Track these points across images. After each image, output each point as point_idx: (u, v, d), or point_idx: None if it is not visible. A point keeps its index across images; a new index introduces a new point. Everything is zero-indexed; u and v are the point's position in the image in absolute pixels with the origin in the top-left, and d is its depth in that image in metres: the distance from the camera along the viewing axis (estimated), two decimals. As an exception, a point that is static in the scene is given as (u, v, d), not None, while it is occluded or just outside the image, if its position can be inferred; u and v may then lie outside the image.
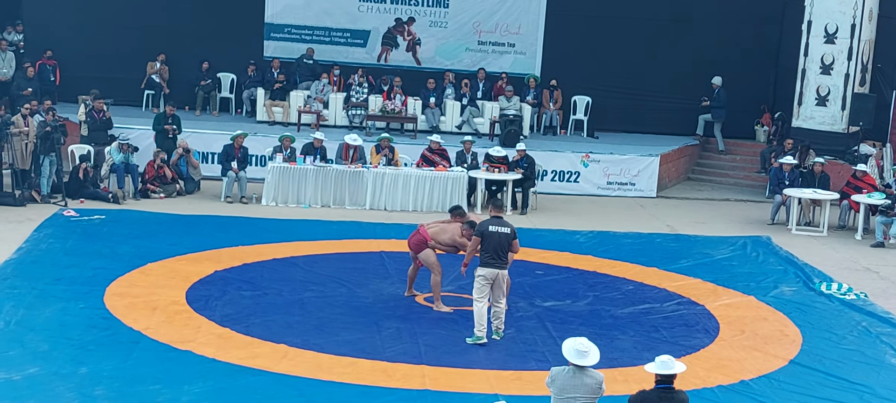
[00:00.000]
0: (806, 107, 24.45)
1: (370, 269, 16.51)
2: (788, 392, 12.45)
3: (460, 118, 24.81)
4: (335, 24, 26.11)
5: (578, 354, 9.48)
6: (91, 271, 15.41)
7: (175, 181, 21.06)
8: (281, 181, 20.70)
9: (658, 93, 26.50)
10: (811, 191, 21.29)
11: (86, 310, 13.74)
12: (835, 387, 12.65)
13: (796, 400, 12.23)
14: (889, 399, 12.37)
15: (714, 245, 19.44)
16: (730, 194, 24.56)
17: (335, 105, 24.57)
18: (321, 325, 13.81)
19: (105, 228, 18.05)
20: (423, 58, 26.39)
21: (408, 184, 20.96)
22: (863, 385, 12.76)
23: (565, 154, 23.61)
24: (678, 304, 15.64)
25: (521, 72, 26.11)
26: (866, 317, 15.42)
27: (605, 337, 13.72)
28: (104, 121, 21.43)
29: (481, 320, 13.29)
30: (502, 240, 13.29)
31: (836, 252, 19.54)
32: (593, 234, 19.71)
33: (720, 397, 12.19)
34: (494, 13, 26.33)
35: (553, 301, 15.41)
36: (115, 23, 25.06)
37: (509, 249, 13.42)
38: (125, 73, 24.86)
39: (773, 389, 12.51)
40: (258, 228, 18.59)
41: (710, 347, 13.89)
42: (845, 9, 23.79)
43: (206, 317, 13.77)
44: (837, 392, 12.52)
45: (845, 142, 24.01)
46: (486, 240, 13.28)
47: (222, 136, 21.92)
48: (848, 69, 23.97)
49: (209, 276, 15.54)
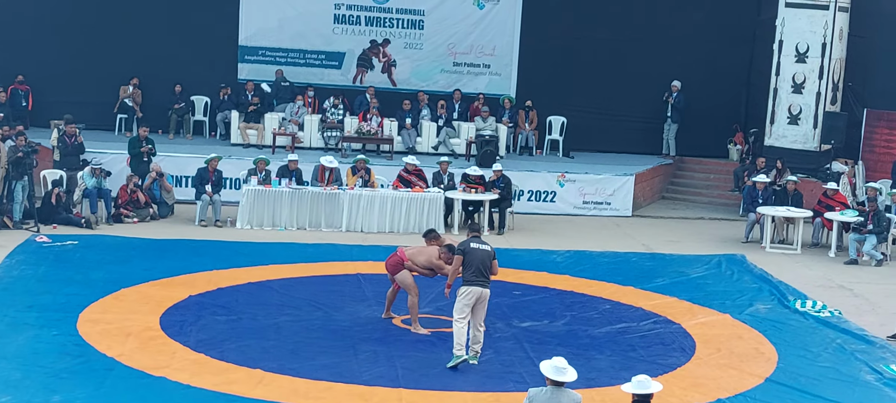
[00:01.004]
0: (778, 125, 24.64)
1: (347, 292, 16.45)
2: (765, 410, 12.47)
3: (436, 139, 24.84)
4: (310, 47, 26.11)
5: (557, 370, 9.53)
6: (64, 297, 15.28)
7: (148, 205, 20.96)
8: (256, 204, 20.63)
9: (632, 113, 26.62)
10: (784, 209, 21.39)
11: (58, 337, 13.61)
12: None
13: (773, 419, 12.25)
14: (865, 417, 12.41)
15: (689, 263, 19.49)
16: (704, 213, 24.66)
17: (310, 127, 24.53)
18: (297, 349, 13.73)
19: (78, 254, 17.92)
20: (399, 79, 26.41)
21: (384, 205, 20.93)
22: (838, 402, 12.78)
23: (541, 174, 23.66)
24: (654, 323, 15.66)
25: (496, 93, 26.17)
26: (841, 334, 15.47)
27: (583, 357, 13.71)
28: (76, 145, 21.31)
29: (461, 339, 13.20)
30: (485, 258, 13.26)
31: (810, 269, 19.62)
32: (570, 254, 19.73)
33: (697, 416, 12.20)
34: (469, 35, 26.40)
35: (530, 321, 15.39)
36: (87, 47, 24.96)
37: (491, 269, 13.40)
38: (98, 97, 24.74)
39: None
40: (233, 252, 18.50)
41: (686, 366, 13.89)
42: (816, 28, 24.01)
43: (181, 343, 13.66)
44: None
45: (817, 161, 24.18)
46: (468, 258, 13.23)
47: (196, 160, 21.83)
48: (819, 88, 24.18)
49: (183, 301, 15.44)
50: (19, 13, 24.75)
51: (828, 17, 23.94)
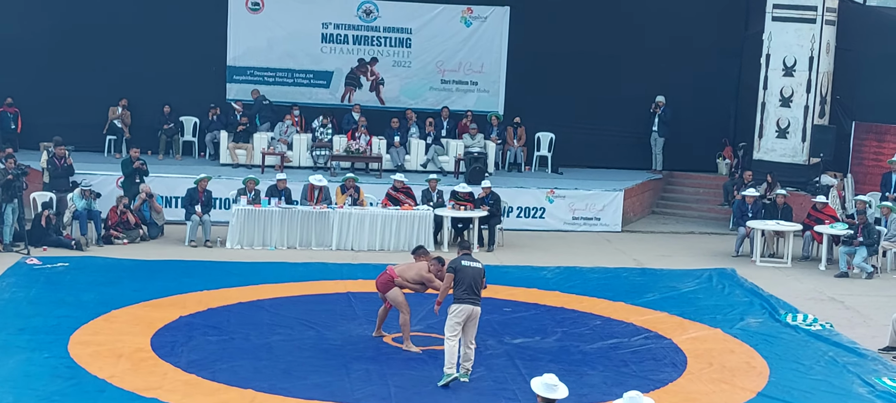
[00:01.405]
0: (767, 139, 24.71)
1: (338, 311, 16.43)
2: (758, 424, 12.48)
3: (425, 156, 24.85)
4: (298, 66, 26.13)
5: (547, 387, 9.55)
6: (55, 320, 15.25)
7: (138, 226, 20.93)
8: (246, 224, 20.61)
9: (620, 128, 26.67)
10: (774, 223, 21.43)
11: (50, 360, 13.57)
12: (803, 418, 12.70)
13: (766, 432, 12.26)
14: (857, 429, 12.42)
15: (680, 278, 19.51)
16: (694, 227, 24.69)
17: (299, 146, 24.54)
18: (289, 369, 13.70)
19: (68, 276, 17.88)
20: (387, 97, 26.43)
21: (374, 223, 20.93)
22: (831, 415, 12.82)
23: (530, 190, 23.68)
24: (646, 338, 15.66)
25: (484, 110, 26.21)
26: (833, 347, 15.49)
27: (575, 373, 13.71)
28: (66, 167, 21.28)
29: (452, 357, 13.20)
30: (476, 275, 13.27)
31: (801, 283, 19.65)
32: (560, 270, 19.73)
33: (690, 431, 12.20)
34: (457, 52, 26.45)
35: (522, 338, 15.38)
36: (76, 69, 24.94)
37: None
38: (86, 119, 24.72)
39: (742, 422, 12.55)
40: (223, 272, 18.48)
41: (678, 381, 13.89)
42: (803, 42, 24.10)
43: (172, 364, 13.63)
44: (806, 423, 12.56)
45: (806, 174, 24.24)
46: (459, 276, 13.24)
47: (185, 180, 21.82)
48: (807, 101, 24.26)
49: (174, 322, 15.41)
50: (7, 36, 24.73)
51: (815, 30, 24.04)
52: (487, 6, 26.34)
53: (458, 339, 13.22)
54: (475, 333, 13.47)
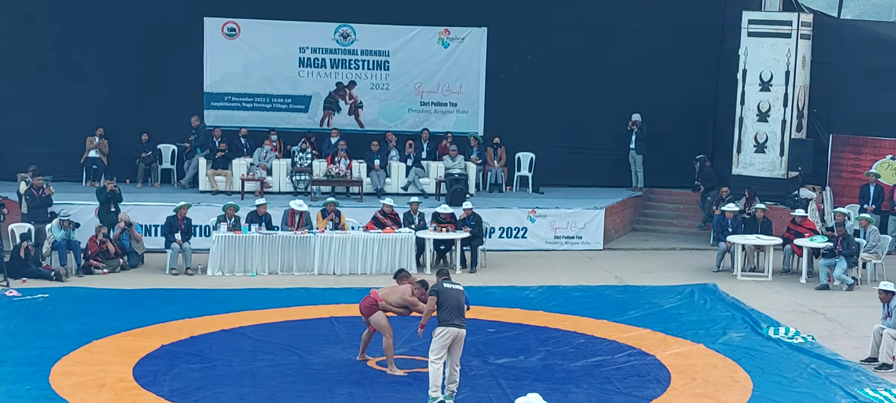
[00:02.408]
0: (745, 154, 24.81)
1: (321, 335, 16.40)
2: (743, 438, 12.50)
3: (406, 179, 24.84)
4: (275, 91, 26.09)
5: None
6: (36, 351, 15.16)
7: (118, 255, 20.84)
8: (226, 250, 20.55)
9: (600, 146, 26.71)
10: (754, 237, 21.49)
11: (32, 392, 13.49)
12: (788, 431, 12.72)
13: (751, 446, 12.27)
14: (842, 441, 12.44)
15: (662, 294, 19.54)
16: (675, 243, 24.75)
17: (279, 171, 24.50)
18: (273, 395, 13.66)
19: (49, 307, 17.79)
20: (366, 120, 26.42)
21: (356, 247, 20.90)
22: (815, 427, 12.85)
23: (512, 210, 23.70)
24: (629, 355, 15.67)
25: (464, 131, 26.23)
26: (815, 360, 15.54)
27: (559, 392, 13.72)
28: (44, 198, 21.19)
29: (437, 380, 13.18)
30: (460, 297, 13.28)
31: (782, 296, 19.71)
32: (543, 289, 19.75)
33: (676, 447, 12.20)
34: (435, 74, 26.47)
35: (506, 357, 15.38)
36: (52, 98, 24.83)
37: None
38: (64, 149, 24.62)
39: (727, 436, 12.56)
40: (205, 299, 18.41)
41: (662, 397, 13.91)
42: (779, 56, 24.23)
43: (155, 393, 13.57)
44: (791, 436, 12.58)
45: (785, 188, 24.34)
46: (443, 298, 13.24)
47: (165, 208, 21.74)
48: (784, 115, 24.38)
49: (156, 351, 15.34)
50: (-17, 67, 24.67)
51: (790, 44, 24.17)
52: (464, 27, 26.37)
53: (442, 362, 13.21)
54: (460, 355, 13.46)
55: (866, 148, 24.54)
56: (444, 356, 13.22)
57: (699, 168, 25.54)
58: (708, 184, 25.16)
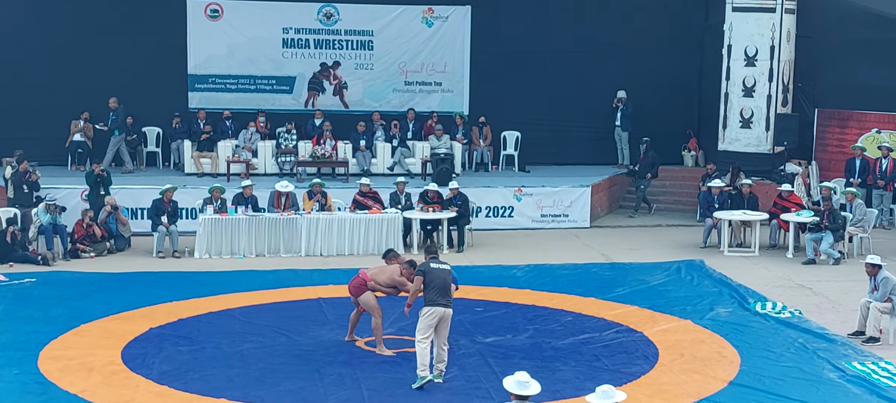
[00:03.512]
0: (731, 129, 24.84)
1: (309, 316, 16.39)
2: (731, 413, 12.54)
3: (392, 159, 24.81)
4: (260, 72, 26.03)
5: (519, 385, 9.59)
6: (24, 336, 15.13)
7: (105, 239, 20.78)
8: (213, 233, 20.51)
9: (585, 124, 26.73)
10: (741, 213, 21.54)
11: (20, 376, 13.46)
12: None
13: (739, 421, 12.32)
14: (830, 414, 12.50)
15: (649, 271, 19.58)
16: (661, 220, 24.79)
17: (264, 153, 24.45)
18: (262, 376, 13.66)
19: (36, 291, 17.75)
20: (351, 101, 26.36)
21: (342, 228, 20.88)
22: (803, 401, 12.88)
23: (498, 189, 23.70)
24: (617, 332, 15.71)
25: (449, 111, 26.20)
26: (802, 334, 15.60)
27: (548, 370, 13.75)
28: (31, 183, 21.12)
29: (424, 359, 13.20)
30: (446, 277, 13.29)
31: (769, 271, 19.77)
32: (530, 268, 19.76)
33: (664, 422, 12.24)
34: (419, 53, 26.42)
35: (494, 336, 15.40)
36: (37, 83, 24.74)
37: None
38: (49, 133, 24.53)
39: (715, 411, 12.61)
40: (192, 282, 18.39)
41: (650, 373, 13.95)
42: (763, 31, 24.24)
43: (144, 376, 13.56)
44: (779, 410, 12.63)
45: (771, 163, 24.39)
46: (429, 278, 13.25)
47: (151, 191, 21.69)
48: (769, 90, 24.41)
49: (145, 334, 15.32)
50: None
51: (775, 19, 24.19)
52: (448, 6, 26.33)
53: (429, 341, 13.23)
54: (447, 334, 13.49)
55: (852, 122, 24.59)
56: (431, 335, 13.25)
57: (645, 150, 25.08)
58: (646, 170, 24.81)
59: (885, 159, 23.23)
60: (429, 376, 13.19)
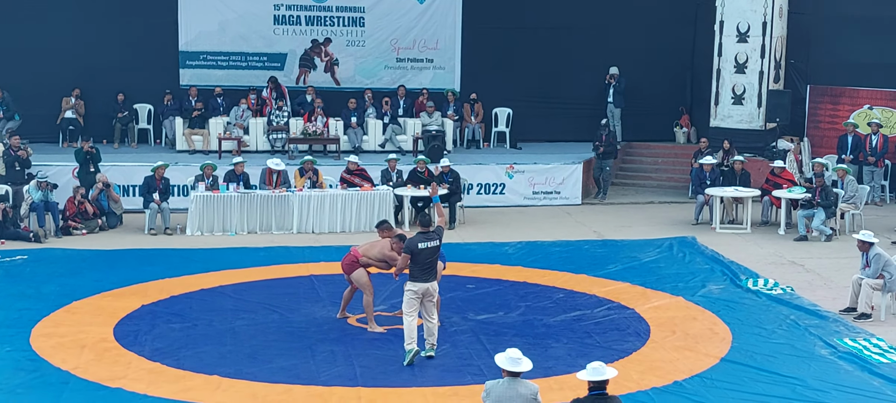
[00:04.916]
0: (723, 106, 24.85)
1: (301, 293, 16.39)
2: (722, 389, 12.55)
3: (383, 136, 24.78)
4: (251, 49, 25.95)
5: (511, 361, 9.63)
6: (16, 313, 15.11)
7: (97, 216, 20.75)
8: (205, 210, 20.48)
9: (577, 101, 26.71)
10: (732, 190, 21.55)
11: (12, 353, 13.46)
12: (767, 382, 12.78)
13: (730, 398, 12.33)
14: (821, 390, 12.53)
15: (641, 248, 19.60)
16: (653, 196, 24.81)
17: (255, 130, 24.41)
18: (254, 353, 13.67)
19: (28, 268, 17.72)
20: (342, 78, 26.32)
21: (334, 205, 20.87)
22: (794, 377, 12.91)
23: (490, 166, 23.68)
24: (609, 309, 15.73)
25: (440, 87, 26.16)
26: (794, 311, 15.63)
27: (539, 347, 13.76)
28: (23, 160, 21.06)
29: (412, 333, 13.22)
30: (433, 255, 13.28)
31: (761, 248, 19.80)
32: (522, 245, 19.77)
33: (654, 399, 12.26)
34: (411, 29, 26.36)
35: (486, 313, 15.41)
36: (27, 60, 24.63)
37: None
38: (40, 110, 24.44)
39: (706, 387, 12.61)
40: (184, 259, 18.37)
41: (642, 350, 13.97)
42: (756, 7, 24.23)
43: (136, 353, 13.56)
44: (770, 386, 12.65)
45: (763, 139, 24.41)
46: (415, 256, 13.26)
47: (142, 168, 21.64)
48: (762, 66, 24.41)
49: (137, 311, 15.31)
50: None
51: (767, -5, 24.19)
52: (440, -18, 26.31)
53: (415, 314, 13.26)
54: (437, 309, 13.51)
55: (844, 98, 24.60)
56: (417, 308, 13.27)
57: (606, 135, 24.40)
58: (608, 151, 24.28)
59: (874, 135, 23.27)
60: (416, 349, 13.19)
